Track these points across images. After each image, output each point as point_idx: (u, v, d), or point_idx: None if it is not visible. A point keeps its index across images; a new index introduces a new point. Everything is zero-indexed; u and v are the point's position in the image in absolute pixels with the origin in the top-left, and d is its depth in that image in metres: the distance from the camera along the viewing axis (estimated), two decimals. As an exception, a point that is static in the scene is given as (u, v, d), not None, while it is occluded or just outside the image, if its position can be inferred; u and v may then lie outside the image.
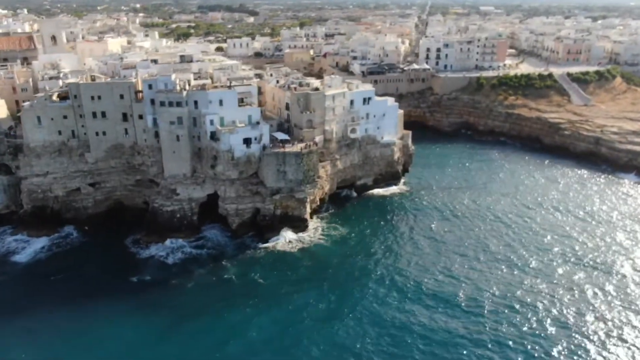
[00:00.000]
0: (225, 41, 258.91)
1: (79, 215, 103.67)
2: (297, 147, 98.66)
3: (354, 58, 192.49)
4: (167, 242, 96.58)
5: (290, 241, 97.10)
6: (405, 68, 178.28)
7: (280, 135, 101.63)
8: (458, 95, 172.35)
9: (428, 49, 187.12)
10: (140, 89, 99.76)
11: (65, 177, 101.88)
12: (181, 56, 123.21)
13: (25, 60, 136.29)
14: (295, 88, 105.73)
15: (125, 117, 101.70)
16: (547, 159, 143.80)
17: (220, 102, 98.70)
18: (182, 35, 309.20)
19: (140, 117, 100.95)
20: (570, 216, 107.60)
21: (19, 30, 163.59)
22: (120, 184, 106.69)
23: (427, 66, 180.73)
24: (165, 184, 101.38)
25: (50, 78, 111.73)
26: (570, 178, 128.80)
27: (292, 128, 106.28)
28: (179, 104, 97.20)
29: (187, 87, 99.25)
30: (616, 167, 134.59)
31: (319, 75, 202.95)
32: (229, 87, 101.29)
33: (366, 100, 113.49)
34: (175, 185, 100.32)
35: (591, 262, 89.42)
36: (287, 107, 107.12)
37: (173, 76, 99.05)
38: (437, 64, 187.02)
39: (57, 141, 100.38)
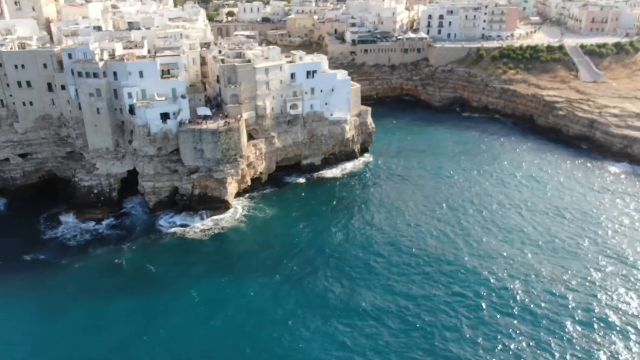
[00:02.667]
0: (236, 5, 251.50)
1: (7, 186, 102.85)
2: (217, 124, 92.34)
3: (353, 25, 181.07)
4: (80, 219, 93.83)
5: (205, 224, 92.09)
6: (400, 37, 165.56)
7: (201, 110, 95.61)
8: (454, 67, 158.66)
9: (430, 16, 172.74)
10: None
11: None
12: (129, 23, 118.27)
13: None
14: (223, 60, 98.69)
15: (50, 87, 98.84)
16: (536, 141, 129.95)
17: (141, 74, 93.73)
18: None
19: (63, 87, 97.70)
20: (538, 211, 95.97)
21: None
22: (52, 155, 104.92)
23: (423, 35, 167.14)
24: (88, 158, 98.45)
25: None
26: (554, 164, 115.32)
27: (222, 103, 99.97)
28: (96, 75, 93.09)
29: (105, 58, 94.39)
30: (608, 155, 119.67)
31: (318, 43, 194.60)
32: (152, 57, 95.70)
33: (310, 74, 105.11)
34: (95, 159, 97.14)
35: (539, 245, 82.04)
36: (218, 80, 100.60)
37: (92, 45, 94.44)
38: (439, 32, 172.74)
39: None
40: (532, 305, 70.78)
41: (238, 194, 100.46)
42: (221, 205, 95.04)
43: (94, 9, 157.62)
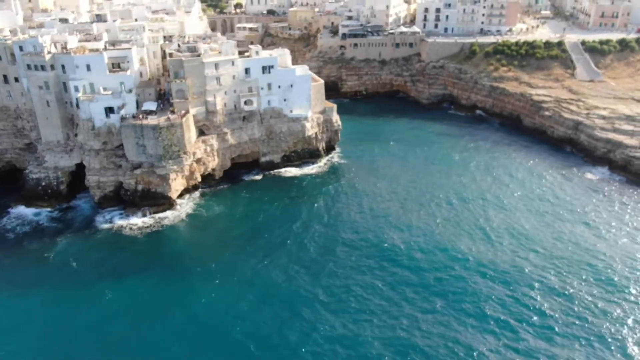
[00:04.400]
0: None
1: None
2: (158, 119, 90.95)
3: (349, 18, 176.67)
4: (27, 211, 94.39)
5: (145, 220, 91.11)
6: (392, 31, 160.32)
7: (147, 105, 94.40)
8: (445, 63, 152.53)
9: (426, 10, 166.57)
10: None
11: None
12: (97, 15, 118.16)
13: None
14: (171, 54, 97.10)
15: (6, 79, 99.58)
16: (519, 143, 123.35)
17: (88, 67, 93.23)
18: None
19: (17, 79, 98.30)
20: (505, 210, 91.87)
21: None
22: (11, 146, 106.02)
23: (416, 29, 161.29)
24: (39, 150, 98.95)
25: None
26: (529, 168, 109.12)
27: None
28: (43, 68, 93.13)
29: (55, 50, 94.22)
30: (590, 159, 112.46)
31: (315, 36, 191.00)
32: (99, 51, 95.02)
33: (267, 69, 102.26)
34: (45, 152, 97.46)
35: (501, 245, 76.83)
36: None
37: (42, 38, 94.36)
38: (436, 26, 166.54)
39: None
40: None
41: (187, 190, 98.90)
42: (165, 202, 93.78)
43: (83, 1, 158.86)
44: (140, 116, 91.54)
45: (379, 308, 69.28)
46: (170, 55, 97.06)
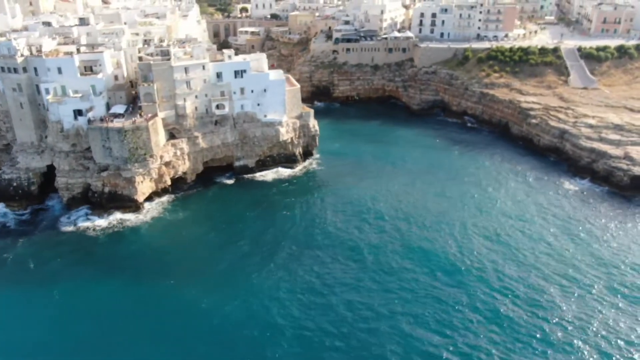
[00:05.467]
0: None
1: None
2: (123, 122, 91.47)
3: (346, 22, 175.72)
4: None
5: (110, 222, 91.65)
6: (384, 36, 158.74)
7: (115, 108, 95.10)
8: (438, 69, 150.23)
9: (422, 14, 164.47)
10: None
11: None
12: (80, 19, 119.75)
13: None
14: (141, 57, 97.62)
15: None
16: (504, 151, 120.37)
17: (59, 70, 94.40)
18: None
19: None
20: (479, 217, 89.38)
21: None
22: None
23: (409, 34, 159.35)
24: (14, 151, 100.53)
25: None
26: (511, 176, 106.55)
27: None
28: (16, 71, 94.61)
29: (28, 53, 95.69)
30: (573, 169, 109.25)
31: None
32: (70, 54, 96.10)
33: (239, 73, 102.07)
34: (18, 153, 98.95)
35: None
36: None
37: (16, 41, 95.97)
38: (432, 31, 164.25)
39: None
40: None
41: (157, 194, 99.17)
42: (131, 204, 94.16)
43: (79, 4, 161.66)
44: (107, 119, 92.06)
45: (348, 307, 69.29)
46: (140, 58, 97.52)
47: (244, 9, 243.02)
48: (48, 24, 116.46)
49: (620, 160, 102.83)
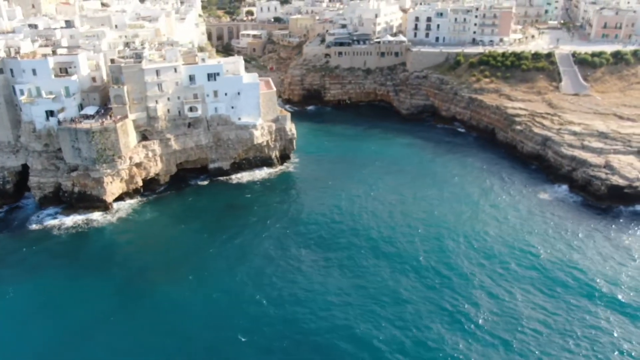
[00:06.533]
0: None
1: None
2: (91, 123, 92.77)
3: (342, 26, 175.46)
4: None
5: (77, 222, 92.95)
6: (377, 39, 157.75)
7: (87, 109, 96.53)
8: (429, 73, 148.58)
9: (417, 18, 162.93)
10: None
11: None
12: (66, 21, 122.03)
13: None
14: (113, 60, 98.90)
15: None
16: (487, 158, 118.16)
17: (34, 72, 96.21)
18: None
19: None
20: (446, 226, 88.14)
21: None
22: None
23: (402, 38, 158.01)
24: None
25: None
26: (489, 184, 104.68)
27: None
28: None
29: (1, 55, 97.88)
30: (553, 177, 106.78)
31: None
32: (45, 56, 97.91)
33: (212, 77, 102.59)
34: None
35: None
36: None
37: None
38: (427, 36, 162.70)
39: None
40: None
41: (128, 194, 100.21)
42: (100, 204, 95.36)
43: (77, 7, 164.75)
44: (76, 120, 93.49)
45: (313, 310, 69.67)
46: (113, 61, 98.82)
47: (250, 12, 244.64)
48: (35, 26, 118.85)
49: (600, 169, 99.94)
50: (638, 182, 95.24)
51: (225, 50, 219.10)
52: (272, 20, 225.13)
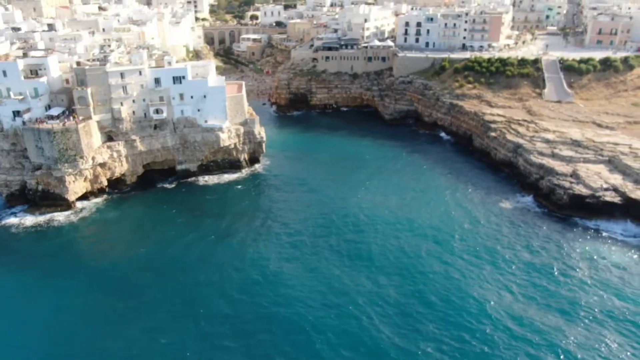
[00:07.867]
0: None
1: None
2: (52, 124, 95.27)
3: (335, 31, 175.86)
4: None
5: (38, 220, 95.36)
6: (364, 44, 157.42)
7: (52, 110, 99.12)
8: (414, 78, 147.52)
9: (407, 23, 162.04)
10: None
11: None
12: (48, 25, 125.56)
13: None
14: (78, 63, 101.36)
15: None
16: (463, 164, 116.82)
17: (4, 73, 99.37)
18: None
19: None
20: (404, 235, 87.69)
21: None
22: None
23: (390, 43, 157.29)
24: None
25: None
26: (455, 191, 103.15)
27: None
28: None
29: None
30: (521, 185, 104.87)
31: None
32: (15, 58, 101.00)
33: (178, 80, 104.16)
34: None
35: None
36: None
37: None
38: (417, 41, 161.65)
39: None
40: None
41: (93, 193, 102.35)
42: (63, 203, 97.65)
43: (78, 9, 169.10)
44: (39, 120, 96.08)
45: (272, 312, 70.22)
46: (78, 63, 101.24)
47: (254, 17, 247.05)
48: (18, 29, 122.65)
49: (566, 178, 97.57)
50: (602, 191, 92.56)
51: (226, 54, 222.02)
52: (274, 24, 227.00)
